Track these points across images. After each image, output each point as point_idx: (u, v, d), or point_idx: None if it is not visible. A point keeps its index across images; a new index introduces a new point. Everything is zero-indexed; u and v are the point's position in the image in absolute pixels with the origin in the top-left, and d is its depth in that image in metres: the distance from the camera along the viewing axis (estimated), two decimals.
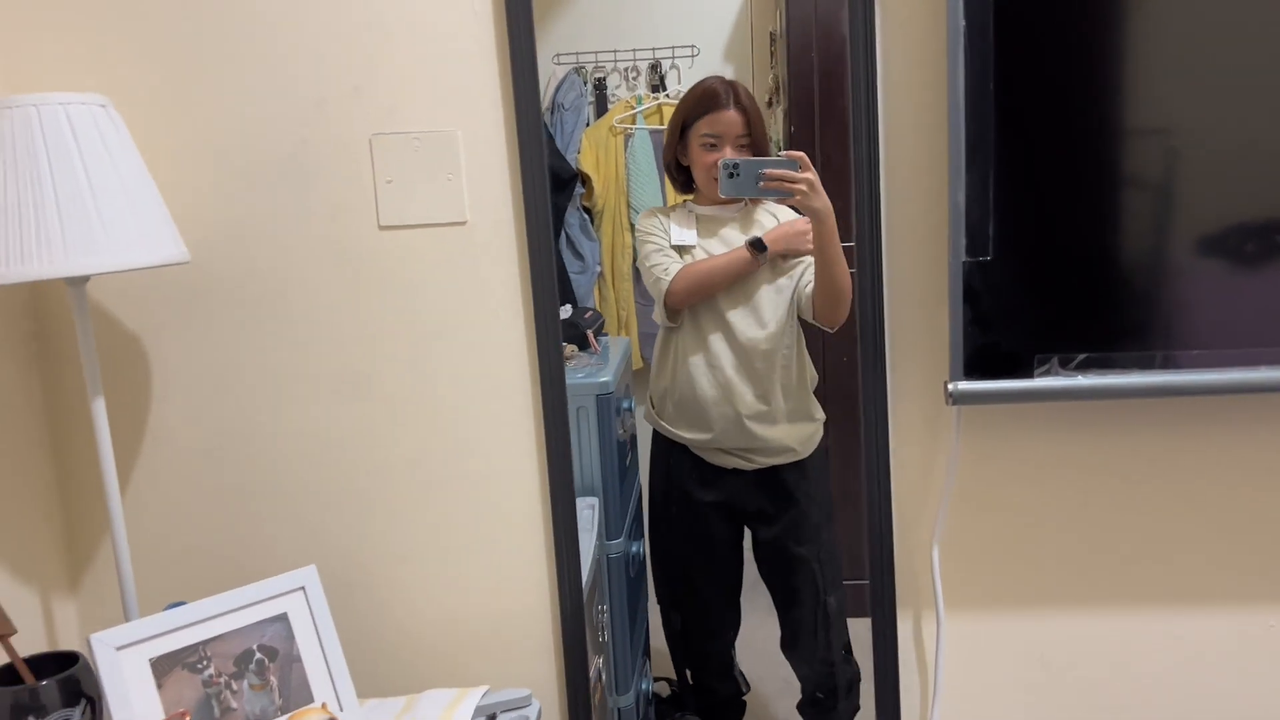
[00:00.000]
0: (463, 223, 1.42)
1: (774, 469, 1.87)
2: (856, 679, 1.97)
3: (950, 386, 1.31)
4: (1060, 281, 1.27)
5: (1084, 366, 1.28)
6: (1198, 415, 1.38)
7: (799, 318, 1.80)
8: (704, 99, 1.78)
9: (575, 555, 1.49)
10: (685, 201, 1.90)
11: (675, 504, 1.97)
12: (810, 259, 1.78)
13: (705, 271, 1.79)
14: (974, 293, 1.28)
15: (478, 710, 1.36)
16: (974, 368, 1.30)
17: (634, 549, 1.98)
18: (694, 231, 1.83)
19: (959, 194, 1.25)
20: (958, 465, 1.42)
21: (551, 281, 1.42)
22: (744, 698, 2.12)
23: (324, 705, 1.24)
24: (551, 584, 1.49)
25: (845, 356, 1.42)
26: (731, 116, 1.75)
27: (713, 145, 1.77)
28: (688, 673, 2.12)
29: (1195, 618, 1.44)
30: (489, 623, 1.50)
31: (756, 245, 1.75)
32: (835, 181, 1.78)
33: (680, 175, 1.87)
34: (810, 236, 1.65)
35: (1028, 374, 1.29)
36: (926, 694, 1.48)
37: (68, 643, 1.52)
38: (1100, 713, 1.47)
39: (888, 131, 1.35)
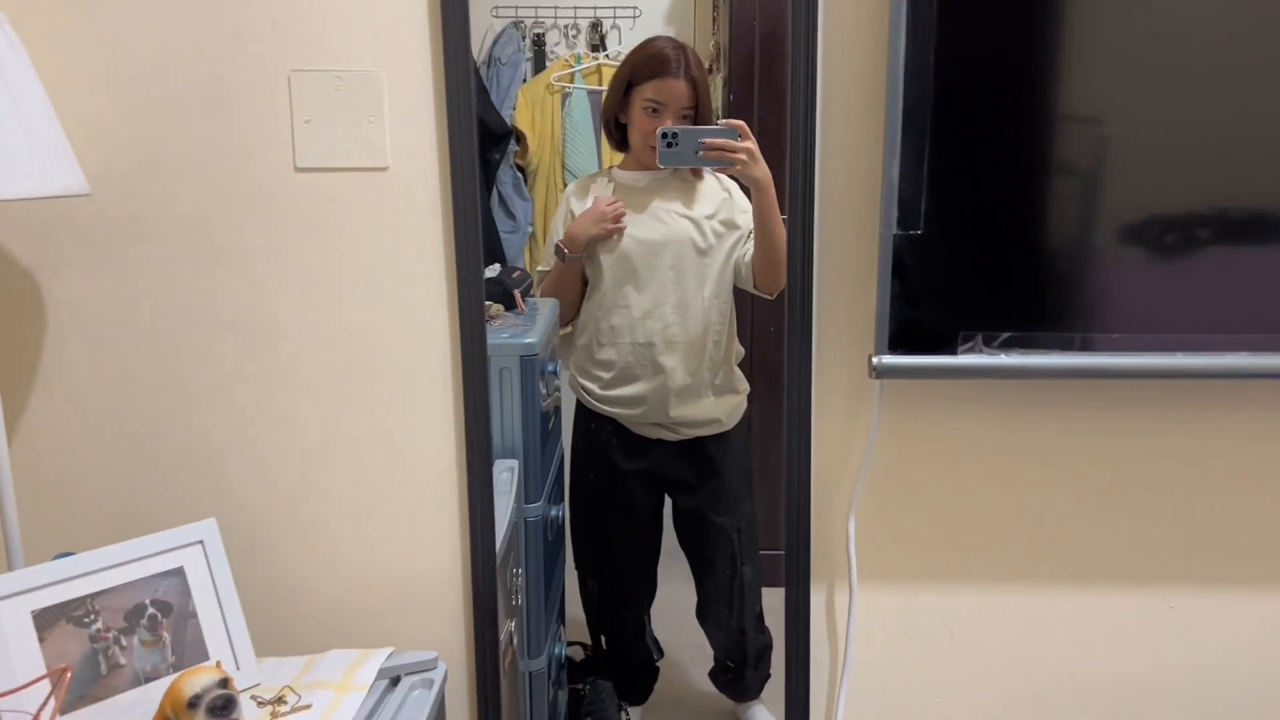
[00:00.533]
0: (384, 168, 1.37)
1: (698, 440, 1.86)
2: (768, 648, 1.99)
3: (874, 360, 1.30)
4: (988, 260, 1.27)
5: (1007, 345, 1.28)
6: (1114, 398, 1.40)
7: (735, 287, 1.79)
8: (653, 62, 1.74)
9: (490, 518, 1.45)
10: (611, 169, 1.86)
11: (596, 470, 1.96)
12: (743, 229, 1.77)
13: (551, 288, 1.79)
14: (902, 267, 1.27)
15: (381, 672, 1.32)
16: (898, 342, 1.29)
17: (553, 513, 1.96)
18: None
19: (893, 167, 1.24)
20: (878, 439, 1.42)
21: (475, 235, 1.37)
22: (657, 664, 2.13)
23: (219, 664, 1.19)
24: (464, 546, 1.46)
25: (772, 326, 1.41)
26: (679, 86, 1.73)
27: (655, 111, 1.74)
28: (602, 638, 2.12)
29: (1100, 596, 1.47)
30: (397, 583, 1.46)
31: (558, 253, 1.77)
32: (774, 150, 1.77)
33: (617, 133, 1.83)
34: (608, 214, 1.67)
35: (951, 350, 1.29)
36: (836, 665, 1.49)
37: None
38: (1005, 686, 1.50)
39: (825, 101, 1.33)
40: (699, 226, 1.78)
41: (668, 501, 2.00)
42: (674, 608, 2.07)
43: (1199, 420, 1.41)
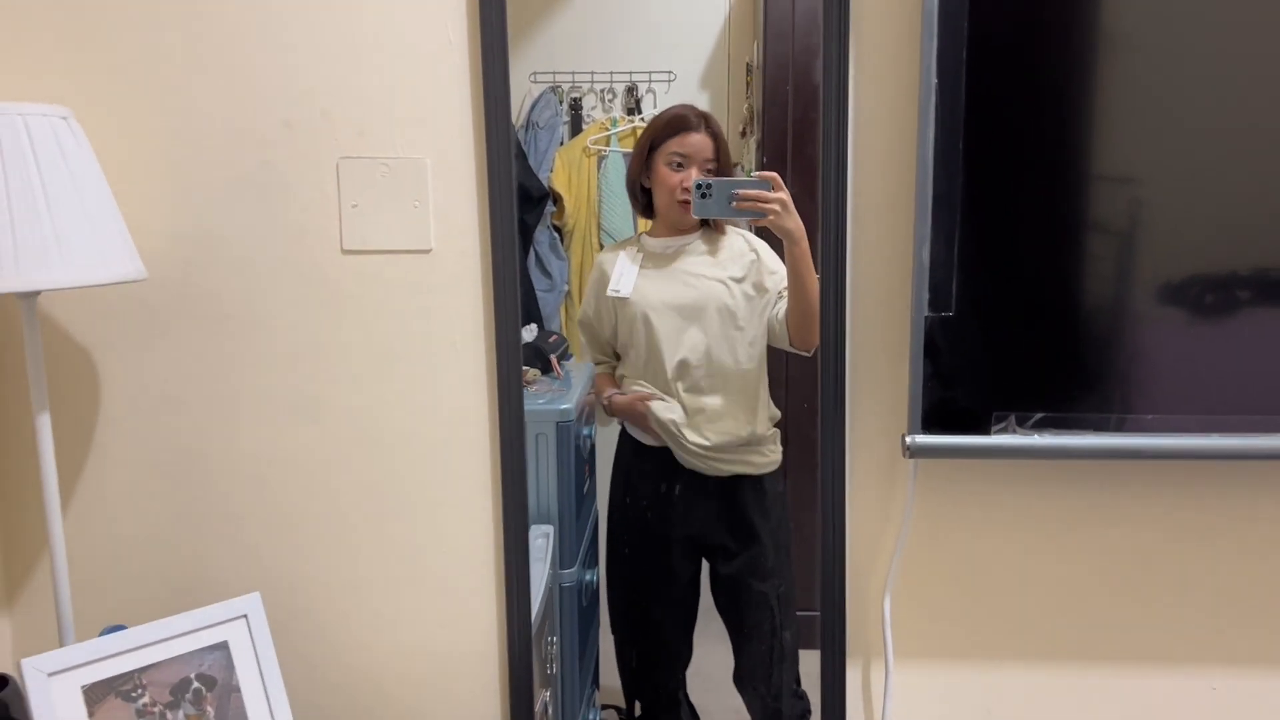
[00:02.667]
0: (427, 250, 1.41)
1: (733, 488, 1.85)
2: (807, 714, 1.96)
3: (908, 439, 1.31)
4: (1020, 341, 1.28)
5: (1041, 425, 1.29)
6: (1151, 478, 1.39)
7: (770, 345, 1.81)
8: (674, 122, 1.79)
9: (525, 594, 1.47)
10: (641, 236, 1.90)
11: (634, 534, 1.96)
12: (772, 292, 1.78)
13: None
14: (935, 348, 1.28)
15: None
16: (932, 422, 1.30)
17: (588, 577, 1.96)
18: (633, 278, 1.84)
19: (924, 249, 1.26)
20: (912, 517, 1.42)
21: (515, 315, 1.41)
22: None
23: None
24: (500, 621, 1.48)
25: (806, 404, 1.42)
26: (701, 139, 1.77)
27: (680, 165, 1.77)
28: (636, 704, 2.11)
29: (1140, 677, 1.45)
30: (435, 658, 1.48)
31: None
32: (807, 206, 1.79)
33: (643, 198, 1.87)
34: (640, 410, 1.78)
35: (985, 430, 1.30)
36: None
37: (2, 664, 1.47)
38: None
39: (856, 182, 1.36)
40: (728, 289, 1.80)
41: (705, 566, 1.99)
42: (710, 671, 2.06)
43: (1238, 499, 1.39)
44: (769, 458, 1.86)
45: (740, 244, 1.83)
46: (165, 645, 1.27)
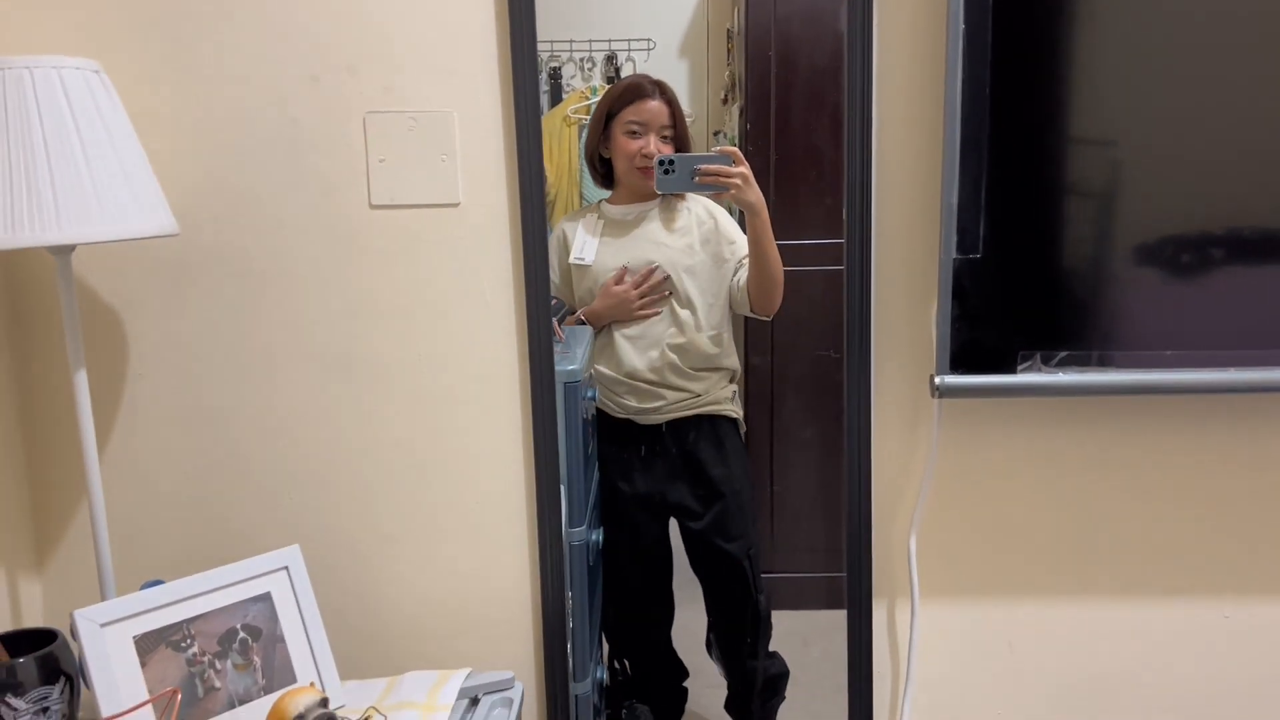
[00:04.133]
0: (456, 204, 1.42)
1: (694, 441, 1.88)
2: (783, 676, 2.00)
3: (936, 380, 1.34)
4: (1045, 282, 1.31)
5: (1065, 364, 1.33)
6: (1170, 413, 1.44)
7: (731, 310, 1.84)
8: (629, 90, 1.82)
9: (558, 540, 1.50)
10: (600, 203, 1.92)
11: (606, 492, 1.99)
12: (730, 260, 1.81)
13: None
14: (962, 289, 1.31)
15: (461, 692, 1.36)
16: (959, 362, 1.33)
17: (594, 537, 1.99)
18: (595, 245, 1.86)
19: (952, 194, 1.29)
20: (937, 458, 1.46)
21: (544, 267, 1.43)
22: (684, 685, 2.14)
23: (311, 684, 1.22)
24: (533, 568, 1.50)
25: (833, 351, 1.45)
26: (657, 106, 1.80)
27: (636, 133, 1.80)
28: (625, 662, 2.14)
29: (1157, 607, 1.50)
30: (471, 605, 1.50)
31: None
32: (790, 178, 1.81)
33: (601, 168, 1.89)
34: (634, 301, 1.77)
35: (1011, 370, 1.33)
36: (898, 680, 1.52)
37: (33, 622, 1.48)
38: (1064, 698, 1.53)
39: (881, 128, 1.38)
40: (689, 250, 1.83)
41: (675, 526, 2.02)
42: (696, 631, 2.09)
43: (1256, 433, 1.44)
44: (729, 411, 1.90)
45: (700, 211, 1.87)
46: (211, 597, 1.28)
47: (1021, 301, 1.32)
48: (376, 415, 1.46)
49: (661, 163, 1.56)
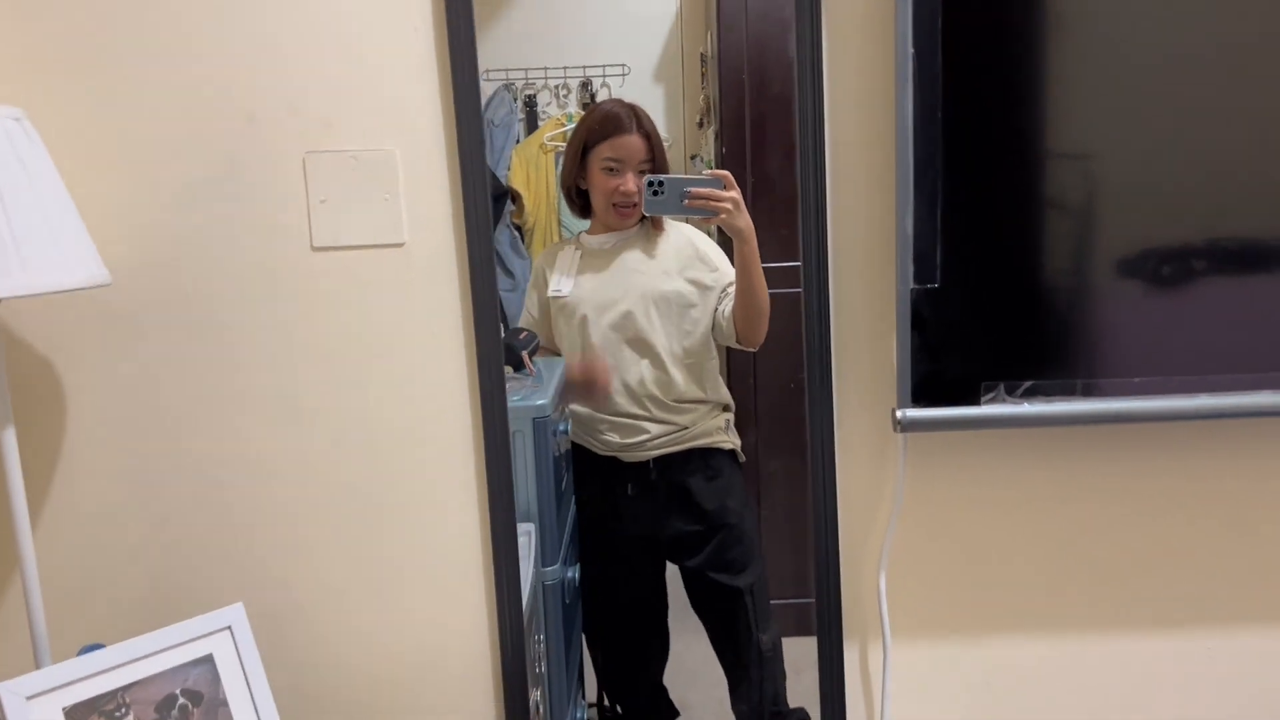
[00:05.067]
0: (400, 244, 1.38)
1: (686, 475, 1.84)
2: None
3: (898, 414, 1.30)
4: (1007, 309, 1.28)
5: (1030, 394, 1.29)
6: (1141, 442, 1.40)
7: (715, 342, 1.80)
8: (606, 122, 1.78)
9: (516, 586, 1.45)
10: (579, 235, 1.89)
11: (594, 533, 1.94)
12: (714, 289, 1.77)
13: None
14: (921, 320, 1.27)
15: None
16: (921, 395, 1.30)
17: (569, 575, 1.94)
18: (572, 280, 1.82)
19: (907, 221, 1.25)
20: (904, 493, 1.41)
21: (493, 305, 1.38)
22: None
23: None
24: (491, 616, 1.45)
25: (792, 383, 1.41)
26: (634, 141, 1.76)
27: (614, 170, 1.76)
28: (617, 707, 2.09)
29: (1137, 642, 1.46)
30: (427, 656, 1.45)
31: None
32: (768, 202, 1.78)
33: (579, 200, 1.86)
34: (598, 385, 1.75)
35: (974, 401, 1.29)
36: None
37: None
38: None
39: (834, 156, 1.35)
40: (666, 278, 1.79)
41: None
42: (690, 666, 2.05)
43: (1229, 461, 1.41)
44: (721, 442, 1.86)
45: (680, 239, 1.83)
46: (148, 661, 1.23)
47: (983, 330, 1.28)
48: (323, 462, 1.41)
49: (651, 184, 1.52)
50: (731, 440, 1.87)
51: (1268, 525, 1.43)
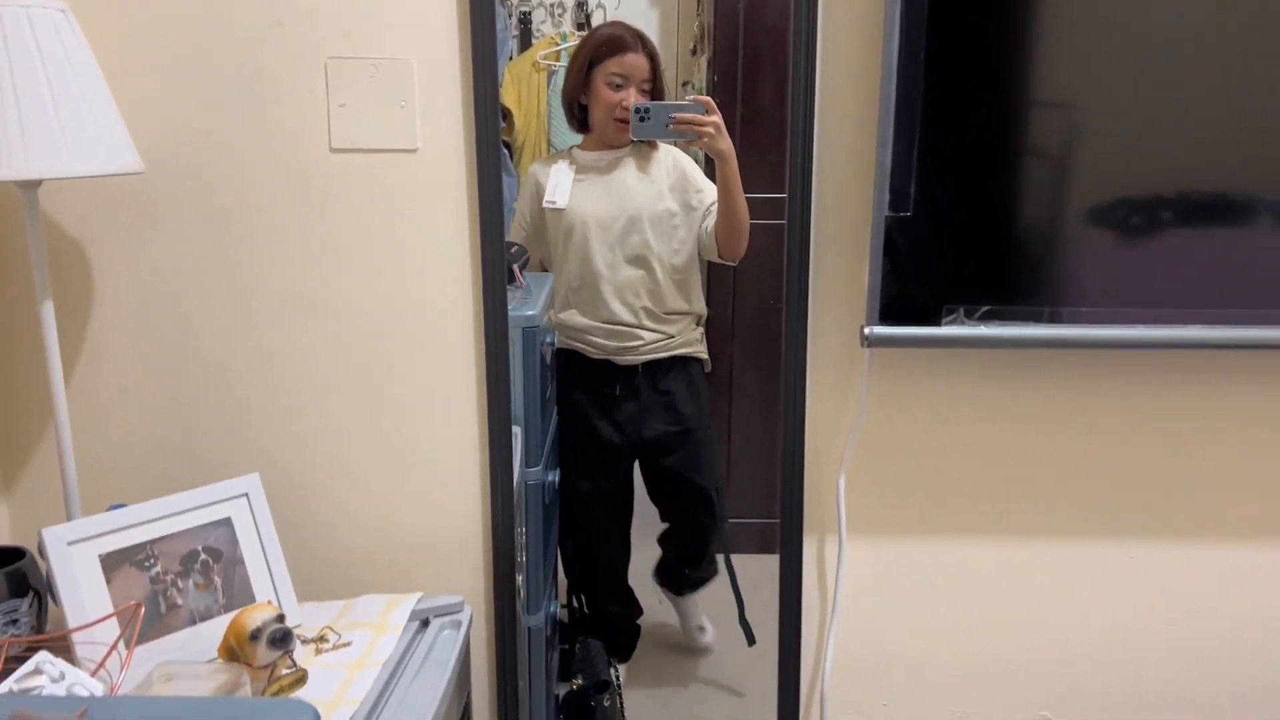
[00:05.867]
0: (414, 150, 1.47)
1: (657, 373, 1.96)
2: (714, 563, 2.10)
3: (866, 330, 1.42)
4: (970, 239, 1.40)
5: (986, 318, 1.41)
6: (1084, 367, 1.53)
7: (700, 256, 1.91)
8: (612, 42, 1.86)
9: (509, 475, 1.57)
10: (572, 149, 1.97)
11: (578, 432, 2.06)
12: (698, 209, 1.88)
13: None
14: (893, 245, 1.39)
15: (413, 614, 1.44)
16: (888, 314, 1.42)
17: (549, 478, 2.07)
18: (568, 189, 1.91)
19: (886, 154, 1.36)
20: (868, 405, 1.54)
21: (499, 211, 1.48)
22: (638, 622, 2.24)
23: (269, 601, 1.30)
24: (484, 501, 1.58)
25: (772, 300, 1.53)
26: (639, 60, 1.84)
27: (619, 85, 1.85)
28: (582, 599, 2.23)
29: (1068, 549, 1.61)
30: (424, 536, 1.58)
31: None
32: (757, 131, 1.87)
33: (579, 114, 1.94)
34: None
35: (936, 322, 1.42)
36: (825, 611, 1.63)
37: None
38: (978, 630, 1.64)
39: (823, 92, 1.45)
40: (658, 197, 1.89)
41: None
42: (651, 568, 2.18)
43: (1160, 387, 1.55)
44: (699, 352, 1.98)
45: (668, 161, 1.92)
46: (174, 519, 1.35)
47: (947, 258, 1.40)
48: (335, 352, 1.52)
49: (637, 110, 1.61)
50: (704, 351, 2.00)
51: (1198, 448, 1.57)
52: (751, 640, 2.01)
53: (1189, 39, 1.34)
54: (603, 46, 1.86)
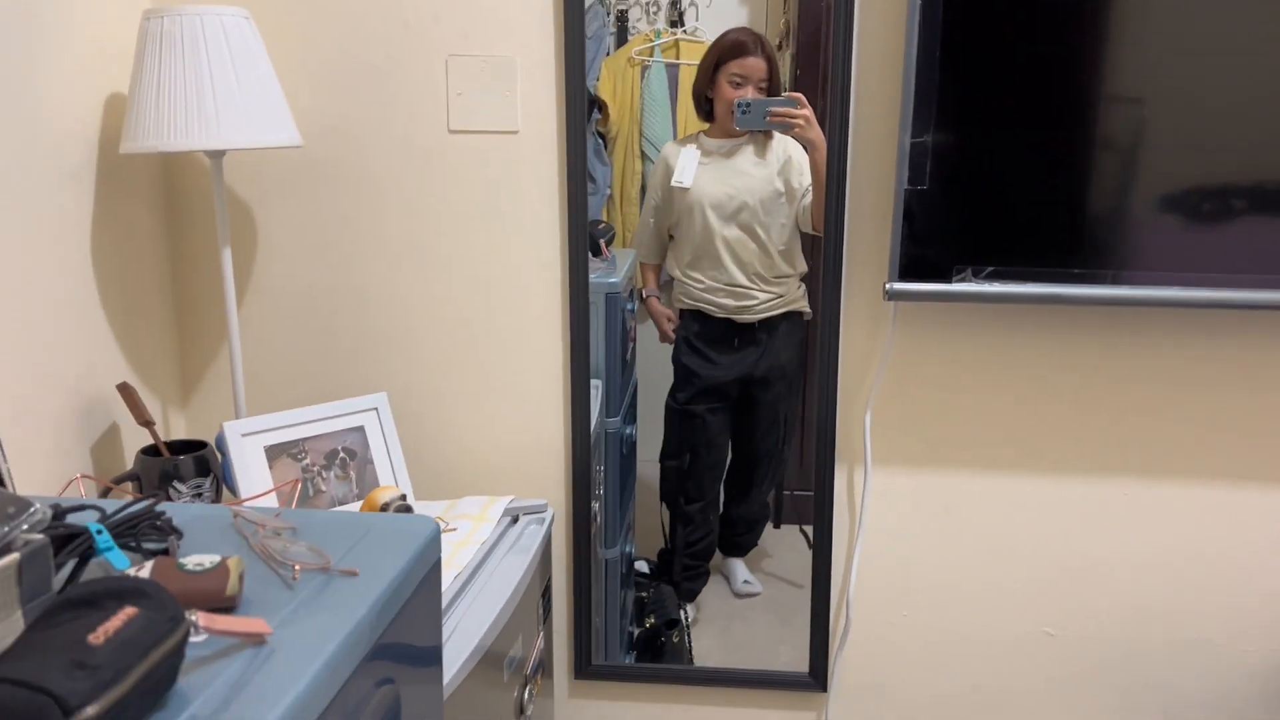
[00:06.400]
0: (515, 132, 1.78)
1: (769, 326, 2.23)
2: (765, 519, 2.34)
3: (888, 286, 1.69)
4: (976, 209, 1.65)
5: (990, 277, 1.66)
6: (1079, 322, 1.77)
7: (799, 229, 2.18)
8: (737, 46, 2.13)
9: (586, 407, 1.88)
10: (699, 135, 2.25)
11: (695, 374, 2.33)
12: (798, 189, 2.15)
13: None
14: (911, 214, 1.65)
15: (506, 511, 1.76)
16: (907, 273, 1.68)
17: (627, 430, 2.36)
18: (694, 170, 2.19)
19: (905, 136, 1.62)
20: (892, 350, 1.81)
21: (584, 187, 1.79)
22: (707, 568, 2.49)
23: (394, 485, 1.63)
24: (566, 425, 1.89)
25: (810, 263, 1.80)
26: (757, 62, 2.11)
27: (739, 84, 2.12)
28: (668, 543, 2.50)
29: (1069, 484, 1.84)
30: (517, 451, 1.90)
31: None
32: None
33: (706, 105, 2.22)
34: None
35: (947, 280, 1.67)
36: (853, 530, 1.89)
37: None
38: (989, 554, 1.88)
39: (858, 80, 1.72)
40: (769, 180, 2.17)
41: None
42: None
43: (1147, 341, 1.77)
44: (804, 308, 2.25)
45: (779, 149, 2.20)
46: (320, 424, 1.69)
47: (957, 225, 1.66)
48: (450, 297, 1.84)
49: (740, 105, 1.89)
50: (807, 306, 2.27)
51: (1169, 394, 1.79)
52: (777, 523, 2.22)
53: (1178, 20, 1.57)
54: (729, 49, 2.14)
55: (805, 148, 1.98)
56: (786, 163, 2.17)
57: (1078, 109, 1.60)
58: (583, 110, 1.76)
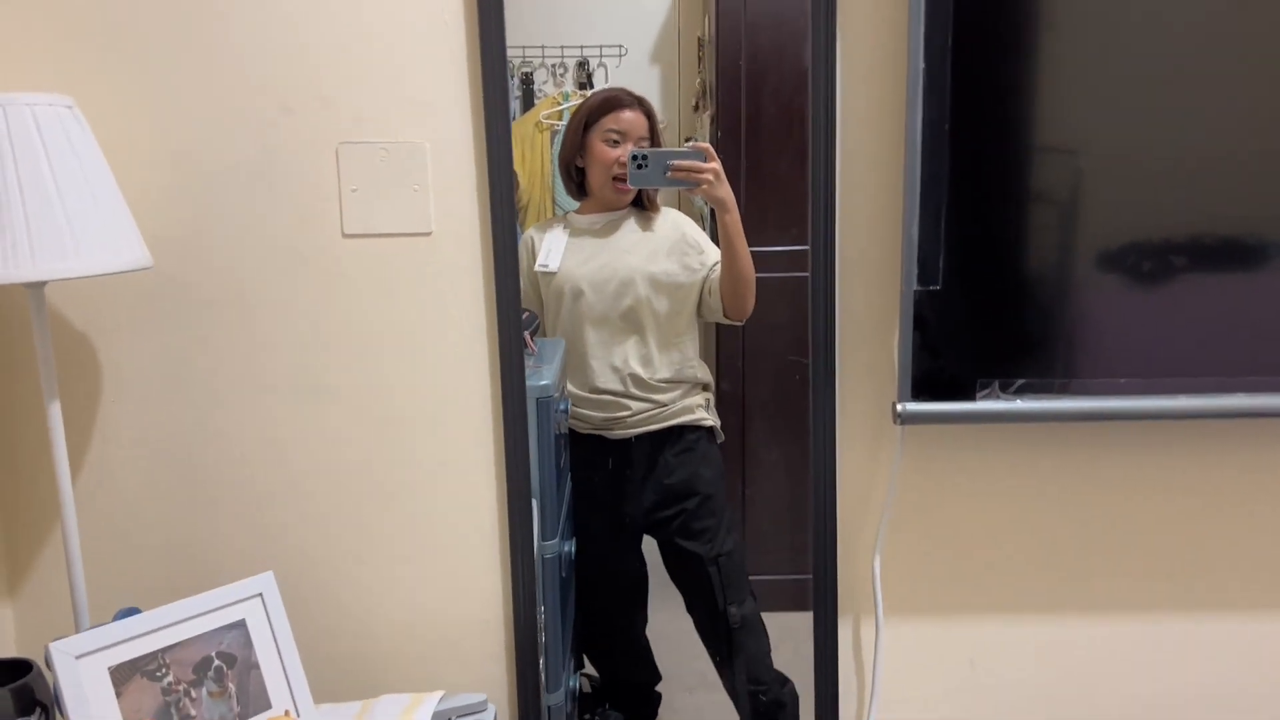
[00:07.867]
0: (428, 233, 1.44)
1: (651, 445, 1.90)
2: (784, 705, 2.02)
3: (899, 407, 1.38)
4: (1004, 312, 1.36)
5: (1022, 391, 1.37)
6: (1123, 439, 1.49)
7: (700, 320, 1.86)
8: (607, 102, 1.85)
9: (530, 557, 1.53)
10: (567, 215, 1.94)
11: (578, 505, 2.01)
12: (699, 272, 1.84)
13: None
14: (923, 320, 1.35)
15: (435, 716, 1.38)
16: (921, 389, 1.38)
17: (566, 548, 2.02)
18: (560, 252, 1.88)
19: (913, 228, 1.33)
20: (899, 481, 1.50)
21: (516, 294, 1.45)
22: (656, 689, 2.17)
23: (286, 713, 1.24)
24: (505, 587, 1.54)
25: (797, 375, 1.49)
26: (635, 116, 1.83)
27: (616, 142, 1.83)
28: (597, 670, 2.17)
29: (1111, 624, 1.56)
30: (443, 627, 1.53)
31: None
32: (762, 186, 1.85)
33: (576, 177, 1.91)
34: None
35: (970, 397, 1.38)
36: (863, 696, 1.57)
37: (4, 650, 1.49)
38: (1019, 710, 1.58)
39: (844, 163, 1.42)
40: (654, 258, 1.86)
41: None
42: (672, 634, 2.12)
43: (1202, 458, 1.50)
44: (700, 420, 1.93)
45: (667, 224, 1.89)
46: (185, 625, 1.30)
47: (980, 331, 1.36)
48: (349, 441, 1.48)
49: (635, 158, 1.59)
50: (711, 418, 1.94)
51: (1231, 515, 1.52)
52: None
53: (1202, 107, 1.32)
54: (599, 106, 1.85)
55: (713, 209, 1.68)
56: (680, 240, 1.87)
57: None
58: (511, 202, 1.43)
